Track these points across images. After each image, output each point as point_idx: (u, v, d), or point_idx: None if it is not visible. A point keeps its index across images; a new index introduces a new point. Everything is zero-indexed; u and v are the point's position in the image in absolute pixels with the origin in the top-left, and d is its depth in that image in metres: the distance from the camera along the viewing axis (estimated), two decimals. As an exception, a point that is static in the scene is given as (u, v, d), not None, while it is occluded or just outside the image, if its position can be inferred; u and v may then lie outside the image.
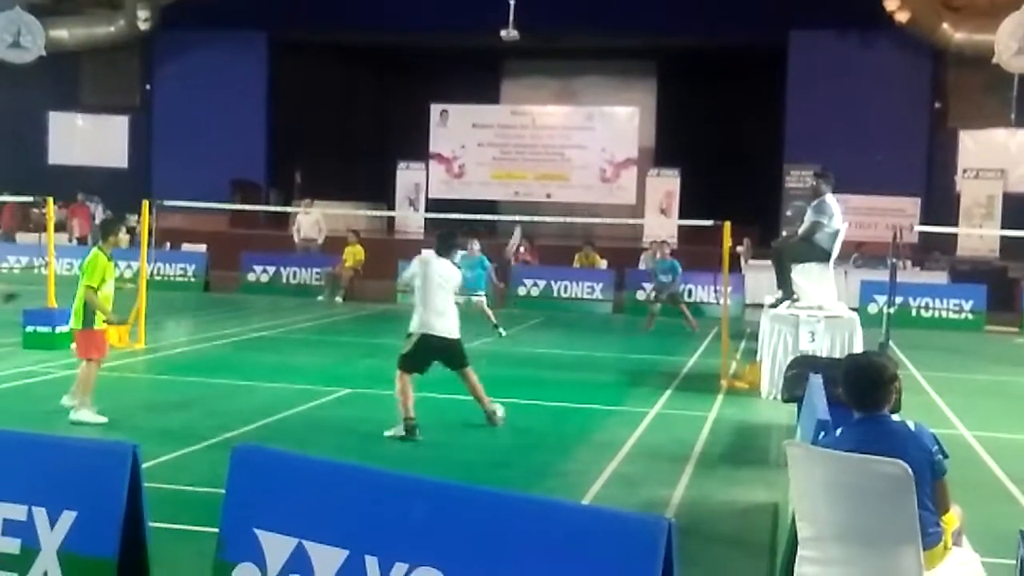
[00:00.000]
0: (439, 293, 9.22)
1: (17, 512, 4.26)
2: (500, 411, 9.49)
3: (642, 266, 22.27)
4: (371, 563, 3.66)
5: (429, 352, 9.22)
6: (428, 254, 9.63)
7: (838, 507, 4.28)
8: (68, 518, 4.18)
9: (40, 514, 4.23)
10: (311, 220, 23.35)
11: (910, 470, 4.05)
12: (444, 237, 9.72)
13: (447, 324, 9.24)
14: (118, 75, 30.46)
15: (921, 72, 26.32)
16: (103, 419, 8.99)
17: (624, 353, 15.28)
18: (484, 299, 16.77)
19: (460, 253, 13.19)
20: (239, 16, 28.50)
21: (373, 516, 3.78)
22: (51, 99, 29.76)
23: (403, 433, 8.82)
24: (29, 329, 13.07)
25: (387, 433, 8.85)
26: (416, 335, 9.20)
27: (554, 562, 3.32)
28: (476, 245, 17.09)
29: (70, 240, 24.94)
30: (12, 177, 24.94)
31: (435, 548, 3.57)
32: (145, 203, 14.73)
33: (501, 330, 16.15)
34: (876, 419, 4.53)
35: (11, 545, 4.22)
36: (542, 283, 20.97)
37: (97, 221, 26.89)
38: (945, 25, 24.70)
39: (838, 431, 4.69)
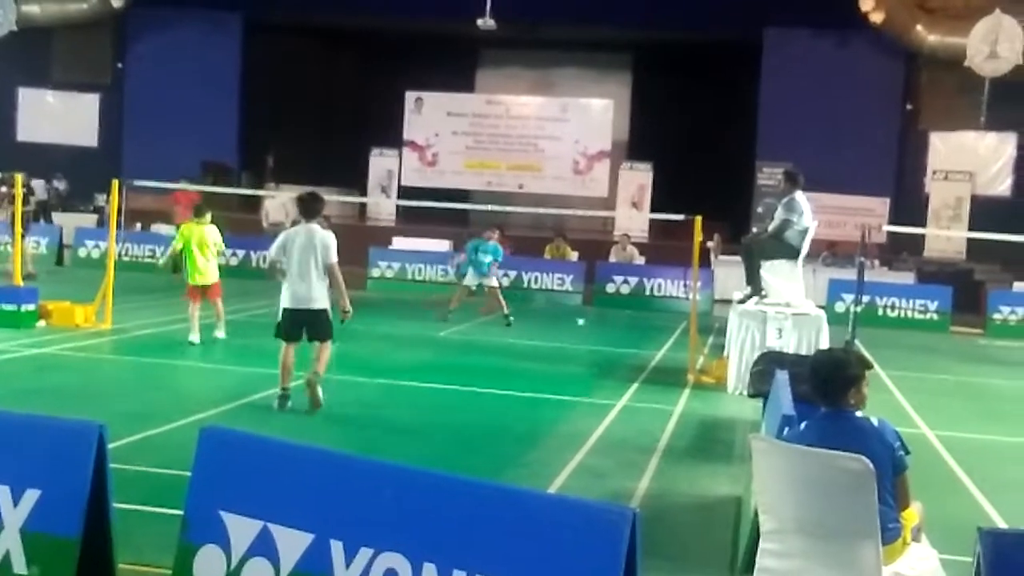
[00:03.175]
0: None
1: (-21, 490, 4.23)
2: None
3: (612, 259, 22.36)
4: (336, 547, 3.67)
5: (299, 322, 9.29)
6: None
7: (800, 501, 4.34)
8: (32, 496, 4.16)
9: (3, 492, 4.20)
10: (277, 204, 23.26)
11: (872, 465, 4.11)
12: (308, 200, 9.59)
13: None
14: (90, 52, 30.13)
15: (894, 73, 26.52)
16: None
17: (592, 345, 15.34)
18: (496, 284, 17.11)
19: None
20: (214, -4, 28.30)
21: (339, 501, 3.79)
22: (21, 75, 29.41)
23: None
24: (-6, 307, 12.95)
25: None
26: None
27: (519, 549, 3.35)
28: (496, 234, 17.55)
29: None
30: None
31: (400, 534, 3.58)
32: (115, 182, 14.59)
33: (511, 317, 16.51)
34: (840, 414, 4.59)
35: (-27, 523, 4.19)
36: (512, 273, 20.97)
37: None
38: (919, 27, 24.89)
39: (802, 425, 4.75)
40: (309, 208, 9.41)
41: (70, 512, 4.08)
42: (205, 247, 12.84)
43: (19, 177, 14.34)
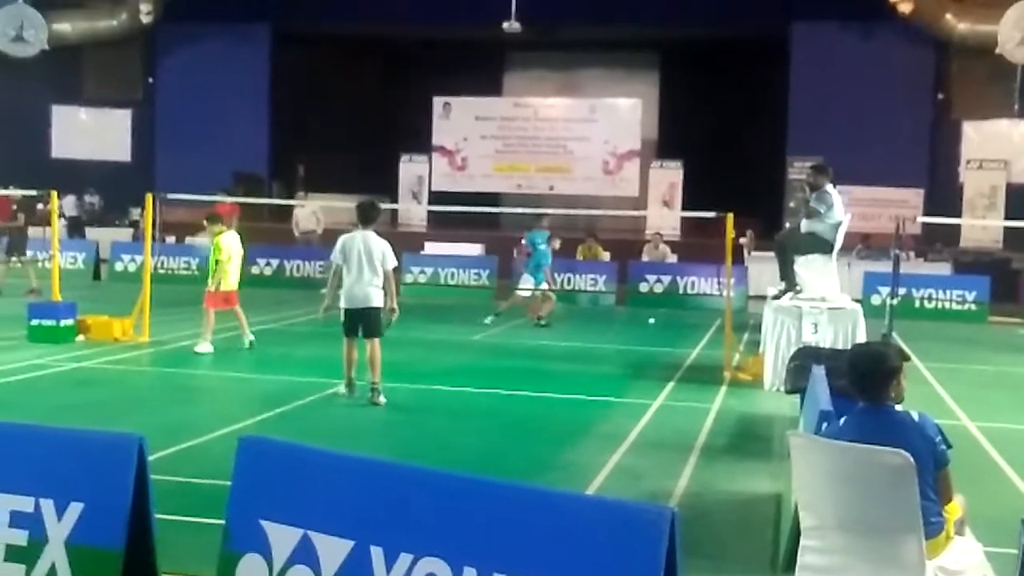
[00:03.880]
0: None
1: (24, 504, 4.27)
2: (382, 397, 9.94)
3: (645, 258, 22.31)
4: (376, 554, 3.68)
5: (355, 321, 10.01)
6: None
7: (840, 497, 4.30)
8: (75, 510, 4.19)
9: (47, 506, 4.24)
10: (307, 212, 23.37)
11: (912, 459, 4.07)
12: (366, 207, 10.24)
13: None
14: (121, 68, 30.45)
15: (924, 63, 26.29)
16: None
17: (627, 345, 15.30)
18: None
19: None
20: (241, 8, 28.52)
21: (378, 507, 3.80)
22: (54, 93, 29.77)
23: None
24: (34, 323, 13.11)
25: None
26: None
27: (557, 552, 3.34)
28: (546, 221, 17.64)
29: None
30: (15, 171, 24.94)
31: (440, 539, 3.59)
32: (149, 196, 14.73)
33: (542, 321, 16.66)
34: (880, 409, 4.55)
35: (19, 537, 4.23)
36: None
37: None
38: (948, 16, 24.67)
39: (841, 420, 4.71)
40: (367, 215, 10.04)
41: (113, 524, 4.12)
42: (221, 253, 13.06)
43: (55, 194, 14.51)
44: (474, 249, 23.89)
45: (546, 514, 3.47)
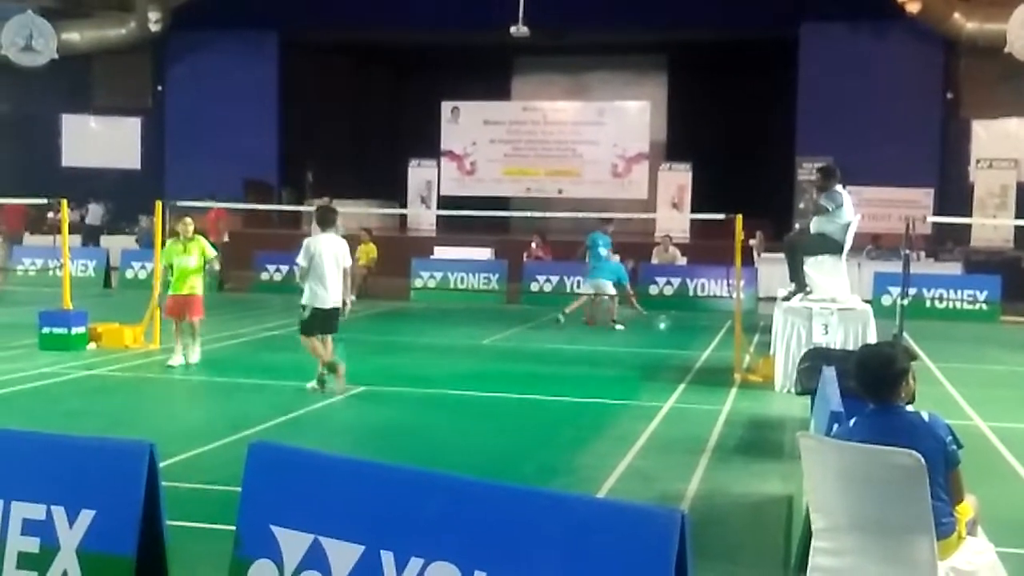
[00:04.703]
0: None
1: (36, 511, 4.29)
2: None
3: (654, 260, 22.29)
4: (387, 558, 3.68)
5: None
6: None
7: (851, 498, 4.29)
8: (87, 517, 4.20)
9: (59, 513, 4.25)
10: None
11: (923, 460, 4.06)
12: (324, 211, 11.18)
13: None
14: (130, 77, 30.56)
15: (933, 62, 26.22)
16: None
17: (637, 347, 15.28)
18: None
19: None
20: (250, 16, 28.60)
21: (388, 512, 3.80)
22: (63, 102, 29.89)
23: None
24: (45, 330, 13.15)
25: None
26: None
27: (568, 555, 3.34)
28: (610, 227, 18.20)
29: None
30: (25, 179, 25.07)
31: (451, 543, 3.59)
32: (158, 204, 14.78)
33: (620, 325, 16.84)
34: (890, 409, 4.53)
35: (31, 544, 4.25)
36: (555, 279, 20.96)
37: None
38: (956, 15, 24.61)
39: (851, 422, 4.70)
40: (326, 218, 10.80)
41: (124, 531, 4.12)
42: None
43: (64, 203, 14.56)
44: (484, 253, 23.91)
45: (556, 517, 3.47)
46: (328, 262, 10.35)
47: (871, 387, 4.59)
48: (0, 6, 28.27)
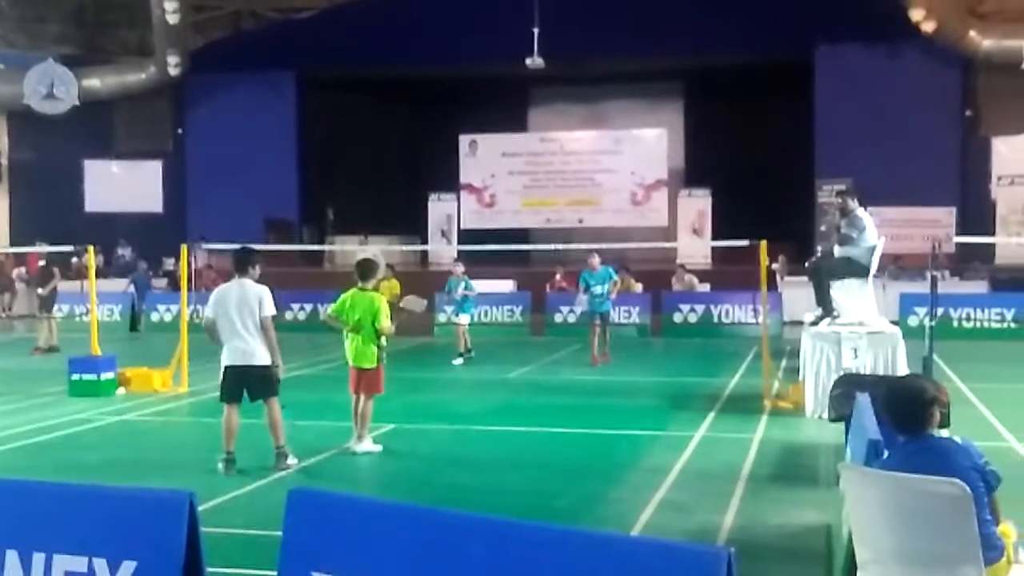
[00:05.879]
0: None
1: (78, 564, 4.28)
2: (292, 459, 9.05)
3: (676, 287, 22.25)
4: (431, 603, 3.66)
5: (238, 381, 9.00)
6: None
7: (896, 529, 4.25)
8: (128, 568, 4.20)
9: (100, 565, 4.24)
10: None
11: (968, 489, 4.02)
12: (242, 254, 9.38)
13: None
14: (150, 121, 30.91)
15: (950, 81, 26.21)
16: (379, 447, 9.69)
17: (665, 376, 15.24)
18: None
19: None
20: (267, 56, 28.90)
21: (431, 556, 3.78)
22: (86, 147, 30.22)
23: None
24: (75, 377, 13.22)
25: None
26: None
27: (615, 597, 3.31)
28: (597, 259, 16.53)
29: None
30: (50, 226, 25.30)
31: (494, 585, 3.56)
32: (184, 248, 14.89)
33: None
34: (922, 438, 4.51)
35: (73, 597, 4.25)
36: (578, 310, 20.91)
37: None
38: (972, 33, 24.60)
39: (886, 454, 4.68)
40: (242, 262, 9.20)
41: (166, 581, 4.12)
42: None
43: (91, 248, 14.66)
44: (506, 285, 23.91)
45: (601, 558, 3.44)
46: (237, 312, 8.88)
47: (900, 420, 4.58)
48: (22, 55, 28.70)
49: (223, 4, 31.56)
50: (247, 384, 8.96)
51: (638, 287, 22.20)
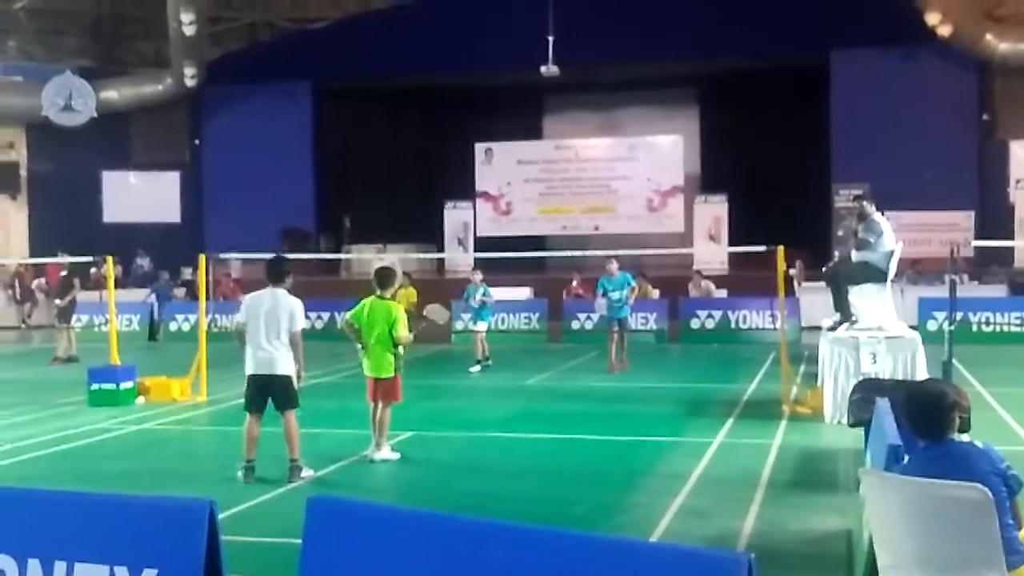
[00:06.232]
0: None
1: (99, 572, 4.30)
2: (306, 471, 9.00)
3: (693, 293, 22.20)
4: (451, 610, 3.66)
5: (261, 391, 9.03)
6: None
7: (917, 534, 4.23)
8: (149, 576, 4.23)
9: (122, 573, 4.26)
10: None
11: (990, 493, 4.01)
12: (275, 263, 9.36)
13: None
14: (167, 132, 31.08)
15: (967, 84, 26.11)
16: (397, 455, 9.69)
17: (683, 383, 15.21)
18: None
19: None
20: (282, 67, 29.02)
21: (450, 562, 3.78)
22: (103, 159, 30.38)
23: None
24: (94, 387, 13.28)
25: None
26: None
27: (635, 603, 3.31)
28: (615, 264, 16.58)
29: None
30: (69, 237, 25.42)
31: (513, 592, 3.56)
32: (202, 258, 14.95)
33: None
34: (943, 443, 4.50)
35: (95, 605, 4.27)
36: (595, 316, 20.90)
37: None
38: (989, 36, 24.51)
39: (906, 459, 4.67)
40: (276, 272, 9.17)
41: (187, 589, 4.14)
42: None
43: (111, 260, 14.74)
44: (523, 293, 23.91)
45: (621, 564, 3.44)
46: (266, 322, 8.87)
47: (920, 425, 4.57)
48: (40, 68, 28.90)
49: (239, 16, 31.71)
50: (271, 393, 9.00)
51: (655, 293, 22.16)
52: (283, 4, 31.76)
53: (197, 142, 31.41)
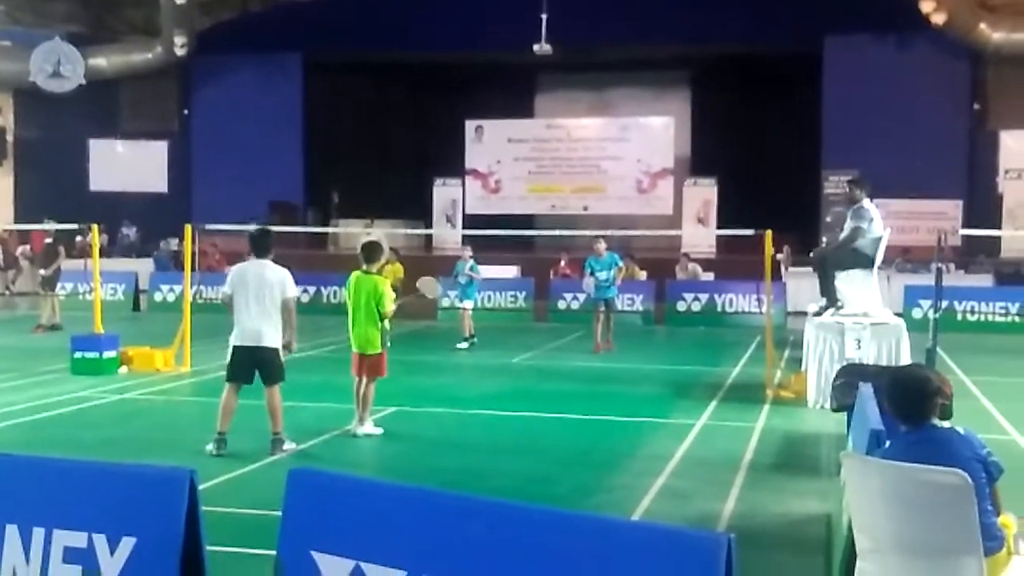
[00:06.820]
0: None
1: (77, 539, 4.29)
2: (288, 444, 8.97)
3: (680, 275, 22.20)
4: (429, 583, 3.65)
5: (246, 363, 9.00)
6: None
7: (897, 519, 4.24)
8: (128, 544, 4.20)
9: (100, 541, 4.25)
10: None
11: (969, 479, 4.01)
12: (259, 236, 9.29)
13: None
14: (156, 101, 30.86)
15: (959, 73, 26.11)
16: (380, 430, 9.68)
17: (668, 365, 15.23)
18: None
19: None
20: (273, 38, 28.81)
21: (430, 537, 3.78)
22: (91, 126, 30.16)
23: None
24: (77, 355, 13.24)
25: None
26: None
27: (613, 580, 3.31)
28: (603, 244, 16.60)
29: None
30: (55, 204, 25.27)
31: (493, 568, 3.56)
32: (188, 228, 14.88)
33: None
34: (924, 428, 4.51)
35: (72, 572, 4.24)
36: (582, 296, 20.91)
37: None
38: (983, 25, 24.49)
39: (887, 444, 4.68)
40: (259, 244, 9.14)
41: (165, 558, 4.12)
42: None
43: (96, 227, 14.65)
44: (510, 271, 23.88)
45: (601, 542, 3.43)
46: (254, 293, 8.87)
47: (903, 410, 4.58)
48: (28, 33, 28.63)
49: (230, -15, 31.46)
50: (257, 366, 8.96)
51: (642, 275, 22.15)
52: (275, -25, 31.52)
53: (186, 112, 31.22)
